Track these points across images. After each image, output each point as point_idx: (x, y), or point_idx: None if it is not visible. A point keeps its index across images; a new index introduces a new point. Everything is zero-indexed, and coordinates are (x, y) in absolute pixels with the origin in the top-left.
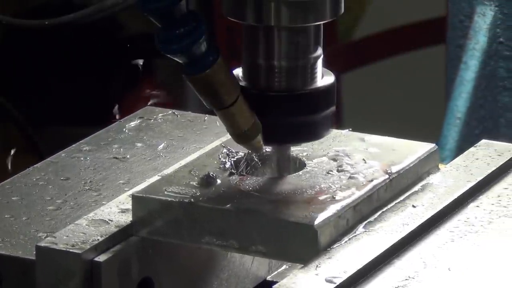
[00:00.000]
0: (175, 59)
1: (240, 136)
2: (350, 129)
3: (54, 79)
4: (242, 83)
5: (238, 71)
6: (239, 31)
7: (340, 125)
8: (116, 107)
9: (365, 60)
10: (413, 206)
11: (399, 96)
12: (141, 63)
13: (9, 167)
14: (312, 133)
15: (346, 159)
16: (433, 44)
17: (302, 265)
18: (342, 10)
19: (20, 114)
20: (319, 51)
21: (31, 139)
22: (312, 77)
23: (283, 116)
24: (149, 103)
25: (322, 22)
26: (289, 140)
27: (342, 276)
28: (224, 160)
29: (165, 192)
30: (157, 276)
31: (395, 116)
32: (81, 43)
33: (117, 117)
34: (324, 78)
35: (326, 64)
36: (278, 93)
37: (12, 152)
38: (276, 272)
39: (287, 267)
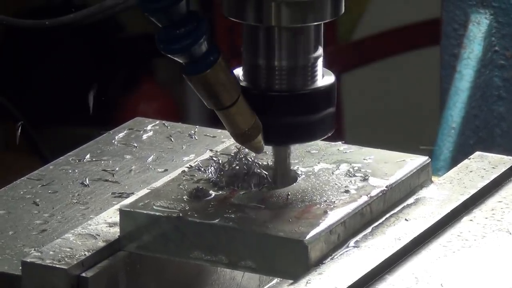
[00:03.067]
0: (176, 59)
1: (240, 136)
2: (343, 141)
3: (54, 79)
4: (243, 83)
5: (238, 71)
6: (240, 31)
7: (339, 126)
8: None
9: (364, 60)
10: (406, 220)
11: (399, 96)
12: (141, 64)
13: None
14: (312, 133)
15: (338, 173)
16: (433, 44)
17: (292, 281)
18: (343, 10)
19: (20, 114)
20: (320, 51)
21: (31, 139)
22: (313, 77)
23: (283, 116)
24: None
25: (322, 22)
26: (289, 140)
27: None
28: (213, 173)
29: (153, 207)
30: None
31: (395, 116)
32: (81, 43)
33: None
34: (324, 78)
35: (326, 64)
36: (279, 93)
37: (19, 126)
38: (266, 287)
39: (278, 281)
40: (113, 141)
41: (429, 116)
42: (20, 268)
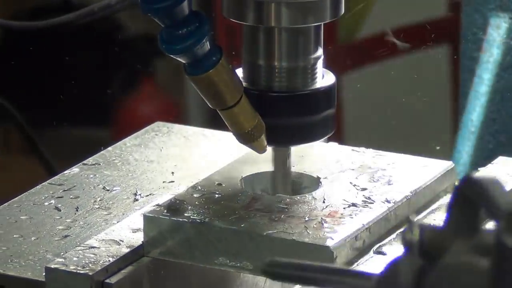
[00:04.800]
0: (178, 59)
1: (243, 136)
2: (363, 148)
3: (54, 79)
4: (243, 84)
5: (238, 72)
6: (239, 31)
7: (339, 127)
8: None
9: (365, 61)
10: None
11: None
12: (141, 64)
13: None
14: (312, 134)
15: (361, 178)
16: (435, 44)
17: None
18: (343, 11)
19: (20, 114)
20: (320, 51)
21: (31, 139)
22: (313, 78)
23: (282, 117)
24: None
25: (322, 23)
26: (288, 141)
27: None
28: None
29: (177, 212)
30: None
31: (395, 117)
32: (80, 43)
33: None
34: (324, 79)
35: (326, 65)
36: (278, 94)
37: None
38: None
39: (300, 287)
40: (133, 146)
41: (431, 117)
42: (44, 274)
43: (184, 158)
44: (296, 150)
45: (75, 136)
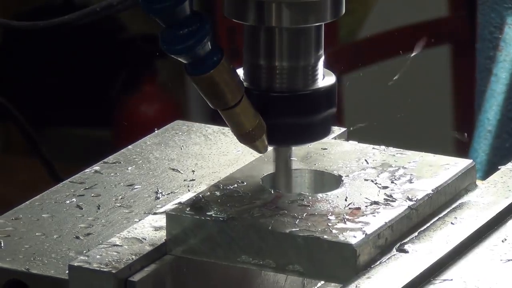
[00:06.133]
0: (179, 59)
1: (244, 136)
2: (384, 146)
3: (55, 79)
4: (244, 84)
5: (239, 72)
6: (241, 31)
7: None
8: None
9: (366, 61)
10: (452, 224)
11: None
12: (142, 64)
13: None
14: (312, 134)
15: (383, 176)
16: (436, 45)
17: (341, 285)
18: (344, 11)
19: (20, 114)
20: (320, 51)
21: (31, 139)
22: (313, 78)
23: (283, 117)
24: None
25: (323, 23)
26: (289, 141)
27: None
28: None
29: (200, 210)
30: None
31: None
32: (82, 43)
33: None
34: (325, 79)
35: (327, 65)
36: (279, 94)
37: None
38: None
39: (320, 284)
40: (153, 144)
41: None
42: (67, 272)
43: (204, 156)
44: (316, 148)
45: (76, 136)
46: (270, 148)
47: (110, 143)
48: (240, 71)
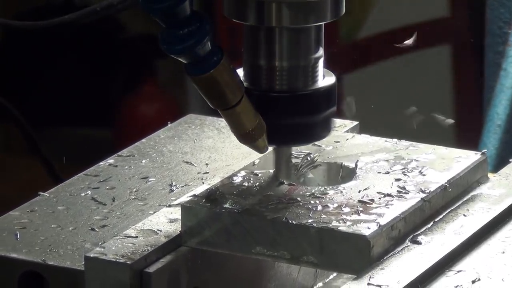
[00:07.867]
0: (179, 59)
1: (244, 136)
2: (396, 139)
3: (55, 79)
4: (244, 84)
5: (239, 72)
6: (240, 32)
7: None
8: None
9: (366, 60)
10: (464, 216)
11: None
12: (142, 64)
13: None
14: (312, 134)
15: (396, 168)
16: (437, 44)
17: (354, 276)
18: (344, 11)
19: (20, 114)
20: (320, 51)
21: (31, 139)
22: (313, 78)
23: (283, 117)
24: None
25: (323, 23)
26: (289, 141)
27: (396, 287)
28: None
29: (215, 202)
30: (206, 286)
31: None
32: (82, 43)
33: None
34: (325, 79)
35: (327, 65)
36: (279, 94)
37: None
38: (321, 282)
39: (333, 276)
40: (166, 138)
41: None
42: (83, 263)
43: (217, 149)
44: (329, 141)
45: (76, 136)
46: (270, 148)
47: (110, 143)
48: (240, 71)
